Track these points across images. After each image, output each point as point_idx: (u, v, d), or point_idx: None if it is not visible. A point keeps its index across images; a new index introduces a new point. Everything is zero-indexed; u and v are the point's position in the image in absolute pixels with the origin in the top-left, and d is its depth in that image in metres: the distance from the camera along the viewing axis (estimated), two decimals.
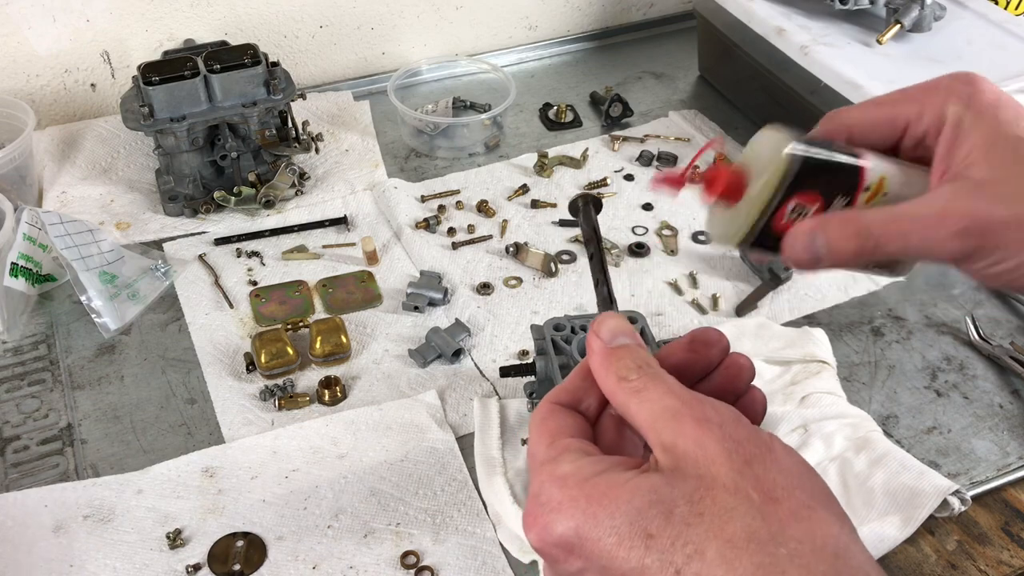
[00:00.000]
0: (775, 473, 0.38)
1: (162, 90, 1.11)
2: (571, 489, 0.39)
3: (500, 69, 1.42)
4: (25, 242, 1.02)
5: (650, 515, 0.37)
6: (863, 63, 1.17)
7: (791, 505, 0.37)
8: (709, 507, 0.36)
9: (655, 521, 0.37)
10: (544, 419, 0.43)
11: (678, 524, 0.36)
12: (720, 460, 0.37)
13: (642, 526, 0.37)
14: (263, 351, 0.96)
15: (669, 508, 0.37)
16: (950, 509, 0.82)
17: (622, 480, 0.38)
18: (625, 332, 0.44)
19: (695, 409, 0.40)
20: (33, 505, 0.85)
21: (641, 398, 0.41)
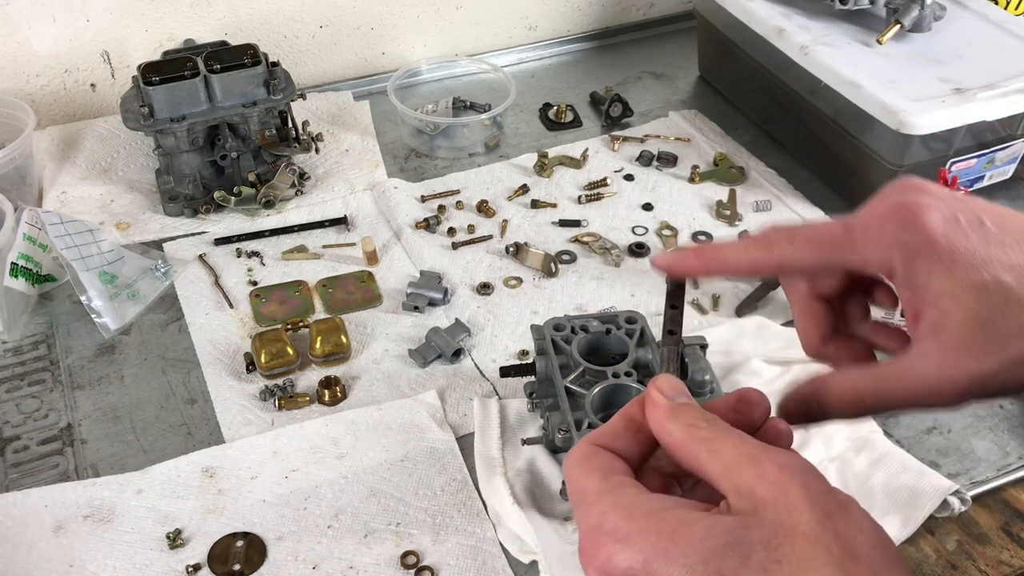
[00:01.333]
0: (855, 531, 0.37)
1: (162, 90, 1.11)
2: (639, 520, 0.39)
3: (500, 69, 1.42)
4: (25, 242, 1.02)
5: (725, 556, 0.36)
6: (863, 63, 1.17)
7: (871, 565, 0.36)
8: (788, 554, 0.36)
9: (731, 563, 0.36)
10: (588, 457, 0.43)
11: (755, 569, 0.36)
12: (802, 507, 0.37)
13: (716, 567, 0.36)
14: (263, 351, 0.96)
15: (746, 552, 0.36)
16: (950, 509, 0.82)
17: (694, 518, 0.38)
18: (684, 392, 0.44)
19: (775, 456, 0.39)
20: (33, 505, 0.85)
21: (712, 446, 0.41)
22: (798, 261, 0.48)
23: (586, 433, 0.77)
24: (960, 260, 0.44)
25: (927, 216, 0.45)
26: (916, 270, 0.45)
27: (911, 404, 0.46)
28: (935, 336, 0.44)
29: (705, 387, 0.84)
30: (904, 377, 0.46)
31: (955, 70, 1.16)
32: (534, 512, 0.82)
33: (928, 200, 0.46)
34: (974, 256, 0.44)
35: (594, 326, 0.89)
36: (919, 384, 0.45)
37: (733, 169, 1.28)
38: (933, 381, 0.44)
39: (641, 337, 0.88)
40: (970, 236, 0.45)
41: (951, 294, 0.44)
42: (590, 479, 0.42)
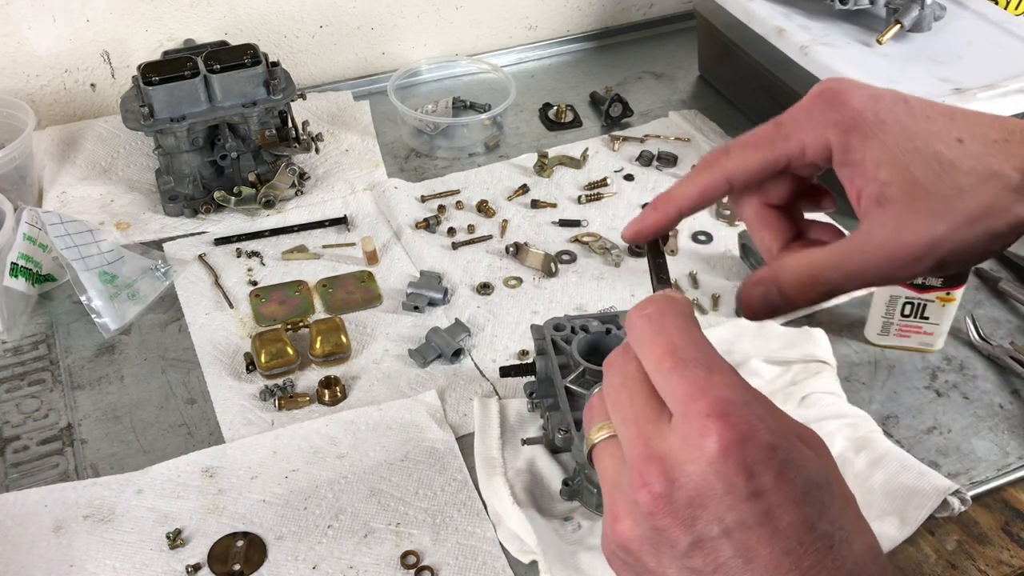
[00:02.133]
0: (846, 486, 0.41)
1: (162, 90, 1.11)
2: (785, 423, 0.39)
3: (500, 69, 1.42)
4: (25, 242, 1.02)
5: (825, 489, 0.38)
6: (863, 63, 1.17)
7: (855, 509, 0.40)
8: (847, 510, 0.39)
9: (825, 497, 0.38)
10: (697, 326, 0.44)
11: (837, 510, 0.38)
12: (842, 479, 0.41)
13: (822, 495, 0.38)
14: (263, 351, 0.96)
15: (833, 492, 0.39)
16: (950, 509, 0.82)
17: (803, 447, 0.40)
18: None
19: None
20: (33, 505, 0.85)
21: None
22: (742, 169, 0.50)
23: None
24: (890, 129, 0.46)
25: (851, 94, 0.47)
26: (850, 145, 0.46)
27: (871, 277, 0.47)
28: (881, 206, 0.46)
29: None
30: (860, 249, 0.46)
31: (955, 70, 1.16)
32: (534, 512, 0.82)
33: (849, 83, 0.48)
34: (902, 126, 0.46)
35: (594, 326, 0.89)
36: (876, 254, 0.46)
37: None
38: (888, 249, 0.45)
39: None
40: (895, 109, 0.47)
41: (888, 161, 0.45)
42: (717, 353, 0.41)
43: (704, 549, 0.37)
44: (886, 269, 0.46)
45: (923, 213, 0.45)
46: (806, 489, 0.37)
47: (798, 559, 0.37)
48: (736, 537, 0.37)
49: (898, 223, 0.45)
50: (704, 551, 0.37)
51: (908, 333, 1.00)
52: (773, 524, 0.37)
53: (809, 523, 0.37)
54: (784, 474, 0.37)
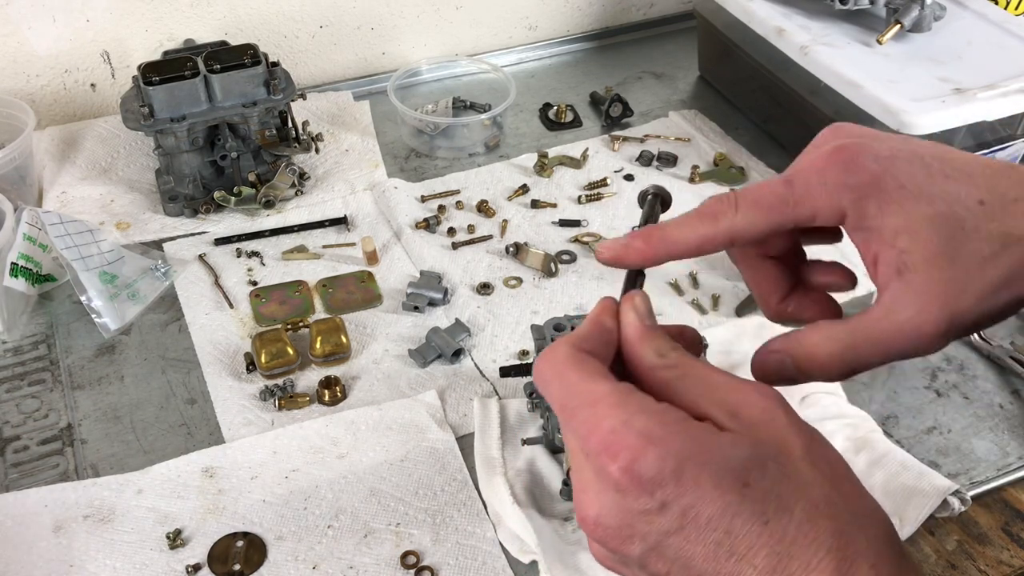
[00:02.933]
0: (832, 454, 0.41)
1: (162, 90, 1.11)
2: (673, 425, 0.39)
3: (500, 69, 1.42)
4: (25, 242, 1.02)
5: (749, 467, 0.38)
6: (863, 63, 1.17)
7: (852, 485, 0.40)
8: (792, 472, 0.39)
9: (753, 473, 0.38)
10: (583, 361, 0.43)
11: (771, 479, 0.38)
12: (792, 434, 0.40)
13: (741, 475, 0.38)
14: (263, 351, 0.96)
15: (763, 464, 0.39)
16: (950, 509, 0.82)
17: (714, 430, 0.40)
18: (653, 314, 0.45)
19: (750, 384, 0.41)
20: (33, 505, 0.85)
21: (683, 372, 0.42)
22: (748, 229, 0.46)
23: None
24: (908, 194, 0.43)
25: (867, 156, 0.44)
26: (867, 211, 0.44)
27: (894, 356, 0.45)
28: (902, 278, 0.43)
29: None
30: (881, 327, 0.44)
31: (955, 70, 1.16)
32: (534, 512, 0.82)
33: (864, 141, 0.45)
34: (921, 189, 0.43)
35: None
36: (899, 332, 0.44)
37: (733, 169, 1.28)
38: (913, 327, 0.43)
39: None
40: (915, 171, 0.44)
41: (907, 229, 0.43)
42: (598, 382, 0.41)
43: (649, 563, 0.40)
44: (910, 347, 0.44)
45: (946, 286, 0.43)
46: (717, 479, 0.38)
47: (732, 546, 0.38)
48: (668, 546, 0.39)
49: (921, 299, 0.43)
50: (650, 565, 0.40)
51: None
52: (694, 523, 0.38)
53: (732, 509, 0.38)
54: (684, 477, 0.38)
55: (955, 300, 0.43)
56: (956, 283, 0.43)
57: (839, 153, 0.44)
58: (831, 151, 0.45)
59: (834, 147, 0.45)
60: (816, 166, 0.45)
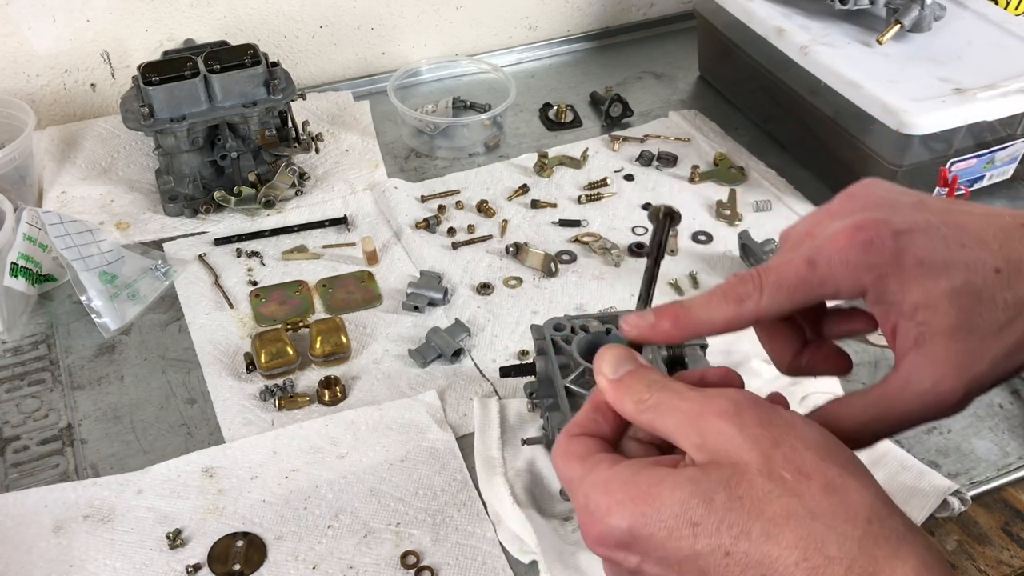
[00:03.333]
0: (802, 450, 0.40)
1: (162, 90, 1.11)
2: (616, 493, 0.42)
3: (500, 69, 1.42)
4: (25, 242, 1.02)
5: (692, 505, 0.40)
6: (863, 63, 1.17)
7: (822, 480, 0.39)
8: (747, 491, 0.40)
9: (698, 510, 0.40)
10: (566, 449, 0.46)
11: (720, 510, 0.40)
12: (748, 446, 0.40)
13: (687, 516, 0.40)
14: (263, 351, 0.96)
15: (709, 496, 0.40)
16: (950, 509, 0.82)
17: (660, 476, 0.42)
18: (626, 359, 0.47)
19: (712, 405, 0.42)
20: (33, 505, 0.85)
21: (660, 412, 0.44)
22: (773, 310, 0.48)
23: None
24: (927, 270, 0.45)
25: (886, 233, 0.45)
26: (887, 288, 0.45)
27: (916, 421, 0.47)
28: (920, 350, 0.45)
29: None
30: (903, 397, 0.46)
31: (955, 70, 1.16)
32: (534, 512, 0.82)
33: (881, 215, 0.46)
34: (939, 263, 0.45)
35: (594, 326, 0.89)
36: (918, 402, 0.46)
37: (733, 169, 1.28)
38: (932, 395, 0.45)
39: None
40: (932, 244, 0.45)
41: (926, 305, 0.45)
42: (572, 467, 0.45)
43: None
44: (931, 413, 0.46)
45: (964, 356, 0.45)
46: (667, 530, 0.41)
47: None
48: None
49: (939, 370, 0.45)
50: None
51: None
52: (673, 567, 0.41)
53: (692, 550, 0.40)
54: (639, 537, 0.41)
55: (971, 368, 0.45)
56: (973, 352, 0.45)
57: (859, 233, 0.46)
58: (851, 231, 0.46)
59: (854, 226, 0.46)
60: (837, 246, 0.46)
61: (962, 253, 0.45)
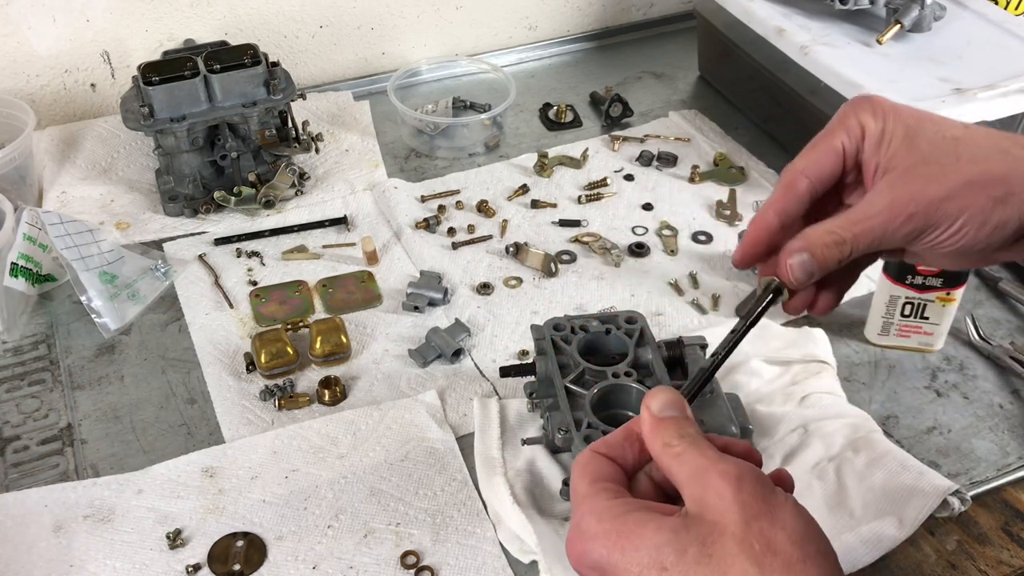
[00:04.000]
0: (778, 530, 0.44)
1: (162, 90, 1.11)
2: (606, 523, 0.47)
3: (500, 69, 1.42)
4: (25, 242, 1.02)
5: (666, 552, 0.45)
6: (863, 63, 1.17)
7: (785, 559, 0.44)
8: (718, 551, 0.44)
9: (670, 557, 0.44)
10: (586, 464, 0.51)
11: (690, 562, 0.44)
12: (733, 511, 0.45)
13: (659, 560, 0.45)
14: (263, 351, 0.96)
15: (684, 548, 0.44)
16: (950, 509, 0.82)
17: (647, 519, 0.46)
18: (674, 405, 0.51)
19: (721, 465, 0.47)
20: (33, 505, 0.85)
21: (680, 460, 0.48)
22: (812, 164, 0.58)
23: (587, 433, 0.77)
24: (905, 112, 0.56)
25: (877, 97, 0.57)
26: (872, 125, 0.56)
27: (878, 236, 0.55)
28: (885, 175, 0.55)
29: (705, 387, 0.84)
30: (865, 214, 0.55)
31: (955, 70, 1.16)
32: (534, 512, 0.82)
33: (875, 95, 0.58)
34: (917, 113, 0.56)
35: (594, 326, 0.89)
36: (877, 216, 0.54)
37: (733, 169, 1.28)
38: (887, 210, 0.54)
39: (641, 337, 0.88)
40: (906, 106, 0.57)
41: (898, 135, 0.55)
42: (581, 483, 0.50)
43: None
44: (889, 228, 0.54)
45: (919, 178, 0.53)
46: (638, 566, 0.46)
47: None
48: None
49: (895, 188, 0.54)
50: None
51: (908, 333, 1.00)
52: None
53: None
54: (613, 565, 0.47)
55: (923, 188, 0.53)
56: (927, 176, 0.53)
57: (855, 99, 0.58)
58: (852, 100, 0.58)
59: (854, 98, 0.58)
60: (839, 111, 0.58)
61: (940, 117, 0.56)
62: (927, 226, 0.54)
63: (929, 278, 0.95)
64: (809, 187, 0.58)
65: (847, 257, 0.56)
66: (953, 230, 0.54)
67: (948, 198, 0.53)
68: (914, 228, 0.54)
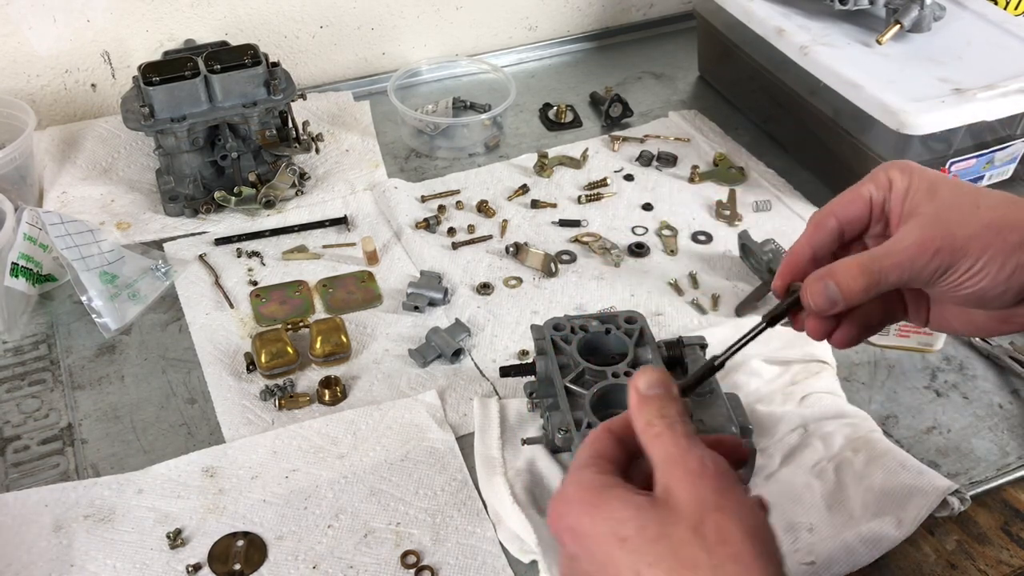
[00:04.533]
0: (734, 523, 0.47)
1: (162, 90, 1.12)
2: (583, 491, 0.51)
3: (500, 69, 1.43)
4: (26, 242, 1.03)
5: (628, 525, 0.48)
6: (863, 63, 1.17)
7: (734, 550, 0.46)
8: (674, 532, 0.47)
9: (631, 531, 0.48)
10: (593, 440, 0.55)
11: (647, 539, 0.48)
12: (691, 504, 0.48)
13: (620, 531, 0.48)
14: (263, 351, 0.96)
15: (644, 524, 0.48)
16: (950, 509, 0.82)
17: (620, 495, 0.50)
18: (659, 383, 0.53)
19: (688, 458, 0.50)
20: (33, 505, 0.85)
21: (656, 442, 0.51)
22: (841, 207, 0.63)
23: (586, 433, 0.77)
24: (928, 173, 0.61)
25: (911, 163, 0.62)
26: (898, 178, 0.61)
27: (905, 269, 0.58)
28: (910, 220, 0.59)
29: (705, 387, 0.84)
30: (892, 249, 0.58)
31: (955, 70, 1.16)
32: (534, 512, 0.82)
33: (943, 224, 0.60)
34: (940, 176, 0.61)
35: (594, 326, 0.89)
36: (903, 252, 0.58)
37: (733, 169, 1.28)
38: (916, 246, 0.57)
39: (640, 337, 0.88)
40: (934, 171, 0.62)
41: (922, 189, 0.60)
42: (582, 454, 0.54)
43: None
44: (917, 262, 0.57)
45: (943, 221, 0.58)
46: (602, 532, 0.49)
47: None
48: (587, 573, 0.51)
49: (923, 228, 0.58)
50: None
51: (908, 333, 1.00)
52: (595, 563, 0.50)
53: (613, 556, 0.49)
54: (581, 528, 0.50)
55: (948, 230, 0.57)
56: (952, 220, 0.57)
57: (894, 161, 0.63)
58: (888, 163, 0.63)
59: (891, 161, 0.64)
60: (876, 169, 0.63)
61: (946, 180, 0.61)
62: (952, 263, 0.57)
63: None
64: (837, 226, 0.62)
65: (873, 288, 0.58)
66: (976, 268, 0.57)
67: (972, 237, 0.57)
68: (940, 264, 0.57)
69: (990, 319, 0.62)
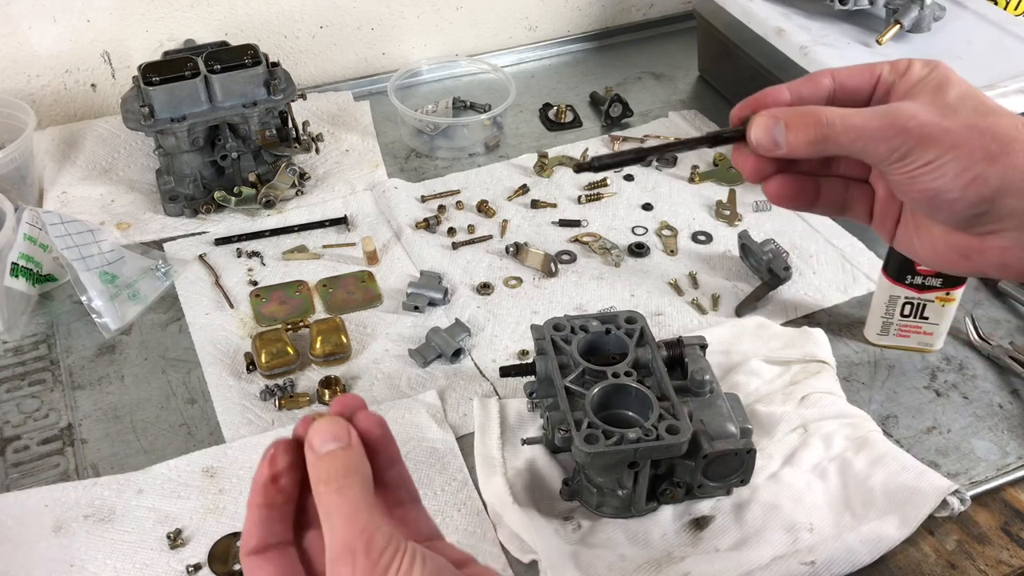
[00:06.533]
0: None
1: (162, 90, 1.12)
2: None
3: (500, 69, 1.43)
4: (26, 242, 1.03)
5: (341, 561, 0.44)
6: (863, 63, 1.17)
7: None
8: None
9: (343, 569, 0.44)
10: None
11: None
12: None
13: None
14: (263, 351, 0.96)
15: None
16: (950, 509, 0.82)
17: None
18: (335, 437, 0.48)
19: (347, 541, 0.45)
20: (33, 505, 0.85)
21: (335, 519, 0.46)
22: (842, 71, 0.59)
23: (586, 433, 0.77)
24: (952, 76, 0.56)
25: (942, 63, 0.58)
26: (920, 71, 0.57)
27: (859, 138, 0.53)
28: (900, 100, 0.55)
29: (705, 387, 0.84)
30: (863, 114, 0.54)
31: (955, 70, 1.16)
32: (534, 512, 0.82)
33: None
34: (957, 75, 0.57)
35: (594, 326, 0.89)
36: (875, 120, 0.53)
37: (733, 169, 1.28)
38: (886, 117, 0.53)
39: (641, 337, 0.88)
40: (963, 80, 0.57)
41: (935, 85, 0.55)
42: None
43: None
44: (878, 134, 0.53)
45: (929, 107, 0.53)
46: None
47: None
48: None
49: (903, 105, 0.54)
50: None
51: (908, 333, 1.00)
52: None
53: None
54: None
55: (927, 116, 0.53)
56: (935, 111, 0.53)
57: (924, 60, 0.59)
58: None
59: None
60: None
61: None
62: (913, 148, 0.52)
63: (929, 278, 0.95)
64: (830, 86, 0.57)
65: (820, 144, 0.54)
66: (937, 163, 0.52)
67: (946, 131, 0.52)
68: (901, 144, 0.53)
69: (949, 247, 0.57)
